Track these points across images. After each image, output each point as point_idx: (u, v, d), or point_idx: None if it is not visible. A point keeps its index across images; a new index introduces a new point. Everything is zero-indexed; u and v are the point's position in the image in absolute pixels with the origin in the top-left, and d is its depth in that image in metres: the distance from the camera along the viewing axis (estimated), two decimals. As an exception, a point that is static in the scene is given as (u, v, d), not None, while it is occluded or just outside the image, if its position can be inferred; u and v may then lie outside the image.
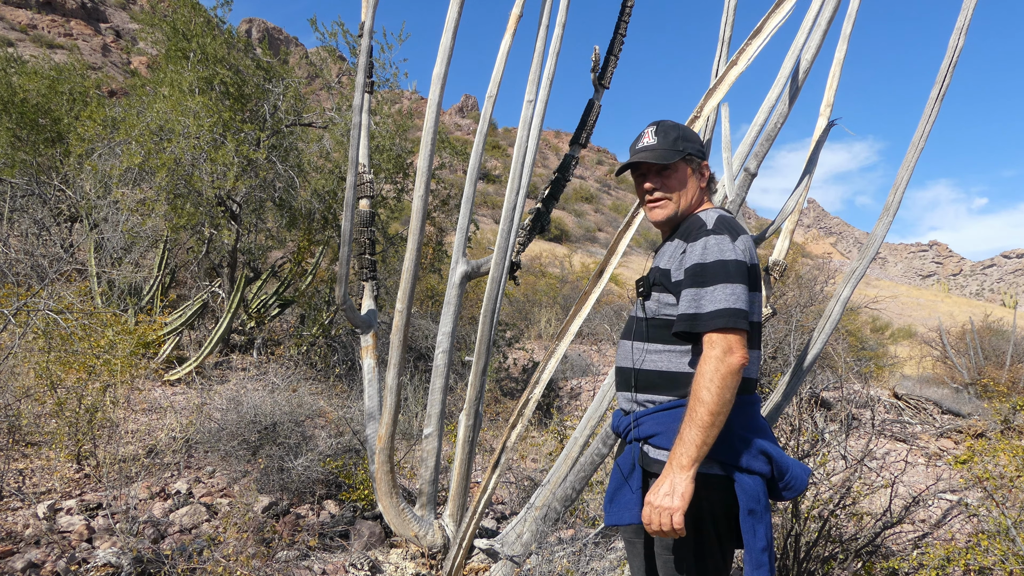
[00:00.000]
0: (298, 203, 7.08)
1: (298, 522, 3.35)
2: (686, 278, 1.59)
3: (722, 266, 1.55)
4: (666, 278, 1.66)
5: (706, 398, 1.48)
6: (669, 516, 1.48)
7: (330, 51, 8.19)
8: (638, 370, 1.71)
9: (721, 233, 1.60)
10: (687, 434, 1.49)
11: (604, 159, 66.05)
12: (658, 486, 1.51)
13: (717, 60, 2.75)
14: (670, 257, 1.68)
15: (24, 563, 2.62)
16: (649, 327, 1.70)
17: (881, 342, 16.45)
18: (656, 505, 1.50)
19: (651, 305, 1.70)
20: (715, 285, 1.54)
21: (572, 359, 8.79)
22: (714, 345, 1.51)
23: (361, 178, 3.20)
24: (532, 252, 21.14)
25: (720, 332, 1.51)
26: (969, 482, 3.36)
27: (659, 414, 1.65)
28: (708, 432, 1.47)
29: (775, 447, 1.63)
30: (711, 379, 1.48)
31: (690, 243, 1.62)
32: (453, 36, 2.81)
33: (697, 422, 1.48)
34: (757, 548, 1.55)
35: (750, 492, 1.56)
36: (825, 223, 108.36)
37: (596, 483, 3.92)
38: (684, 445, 1.49)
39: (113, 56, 37.75)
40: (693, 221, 1.70)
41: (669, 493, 1.49)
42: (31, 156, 8.06)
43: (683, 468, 1.48)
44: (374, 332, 3.22)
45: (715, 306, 1.52)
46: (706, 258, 1.57)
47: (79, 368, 3.89)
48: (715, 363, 1.49)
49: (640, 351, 1.72)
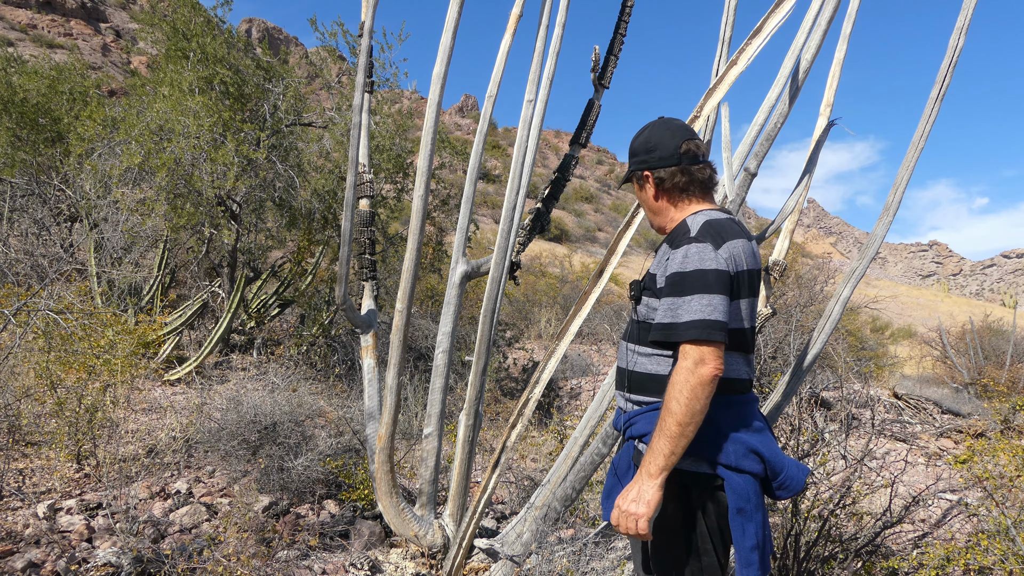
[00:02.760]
0: (298, 203, 7.08)
1: (298, 522, 3.35)
2: (666, 286, 1.60)
3: (701, 276, 1.54)
4: (653, 283, 1.68)
5: (675, 408, 1.49)
6: (635, 521, 1.51)
7: (330, 51, 8.18)
8: (631, 371, 1.74)
9: (703, 241, 1.58)
10: (656, 444, 1.51)
11: (604, 159, 66.04)
12: (628, 491, 1.54)
13: (717, 60, 2.75)
14: (658, 262, 1.70)
15: (24, 563, 2.62)
16: (639, 330, 1.73)
17: (881, 342, 16.45)
18: (624, 510, 1.53)
19: (641, 309, 1.72)
20: (692, 295, 1.53)
21: (572, 359, 8.80)
22: (687, 356, 1.51)
23: (361, 178, 3.20)
24: (532, 252, 21.15)
25: (693, 344, 1.51)
26: (969, 482, 3.36)
27: (650, 414, 1.67)
28: (676, 442, 1.49)
29: (769, 447, 1.63)
30: (680, 390, 1.49)
31: (673, 250, 1.62)
32: (453, 36, 2.81)
33: (666, 432, 1.50)
34: (746, 547, 1.56)
35: (739, 491, 1.56)
36: (825, 223, 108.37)
37: (596, 483, 3.92)
38: (652, 454, 1.51)
39: (113, 56, 37.74)
40: (679, 227, 1.70)
41: (636, 499, 1.52)
42: (31, 156, 8.06)
43: (651, 476, 1.51)
44: (374, 332, 3.22)
45: (690, 316, 1.52)
46: (685, 267, 1.56)
47: (79, 368, 3.89)
48: (685, 374, 1.50)
49: (632, 353, 1.75)
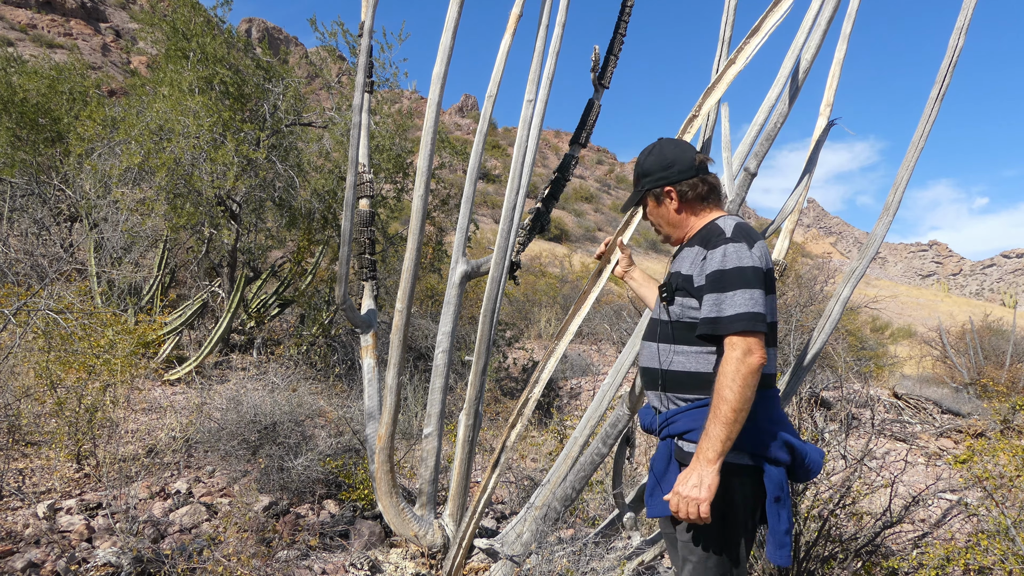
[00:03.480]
0: (298, 203, 7.07)
1: (298, 522, 3.35)
2: (707, 284, 1.70)
3: (740, 272, 1.66)
4: (688, 283, 1.76)
5: (729, 396, 1.58)
6: (696, 506, 1.60)
7: (330, 51, 8.18)
8: (665, 370, 1.81)
9: (739, 241, 1.70)
10: (712, 430, 1.60)
11: (604, 159, 66.04)
12: (686, 478, 1.63)
13: (717, 59, 2.75)
14: (691, 263, 1.78)
15: (24, 563, 2.62)
16: (674, 329, 1.80)
17: (881, 342, 16.45)
18: (684, 495, 1.61)
19: (675, 309, 1.80)
20: (734, 290, 1.65)
21: (572, 359, 8.80)
22: (735, 347, 1.62)
23: (361, 178, 3.20)
24: (532, 252, 21.15)
25: (740, 335, 1.62)
26: (969, 482, 3.36)
27: (691, 411, 1.75)
28: (731, 428, 1.58)
29: (795, 436, 1.76)
30: (733, 379, 1.59)
31: (710, 250, 1.73)
32: (453, 36, 2.81)
33: (721, 419, 1.59)
34: (781, 531, 1.69)
35: (776, 481, 1.69)
36: (825, 223, 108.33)
37: (596, 483, 3.92)
38: (709, 440, 1.60)
39: (113, 56, 37.74)
40: (712, 228, 1.80)
41: (697, 484, 1.60)
42: (31, 156, 8.06)
43: (709, 462, 1.60)
44: (374, 332, 3.22)
45: (735, 310, 1.64)
46: (726, 265, 1.68)
47: (79, 368, 3.89)
48: (736, 364, 1.60)
49: (667, 352, 1.81)
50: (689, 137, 2.57)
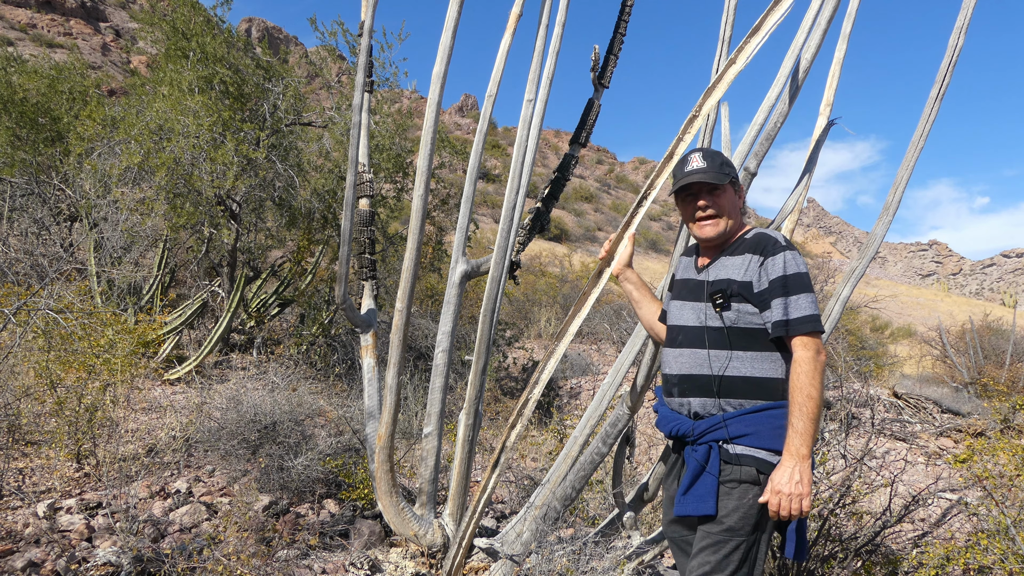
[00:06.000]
0: (298, 202, 7.07)
1: (298, 521, 3.35)
2: (773, 288, 1.80)
3: (800, 277, 1.79)
4: (746, 289, 1.84)
5: (814, 394, 1.69)
6: (800, 500, 1.68)
7: (330, 50, 8.18)
8: (722, 376, 1.84)
9: (793, 249, 1.84)
10: (801, 427, 1.69)
11: (604, 158, 66.01)
12: (781, 477, 1.69)
13: (717, 59, 2.75)
14: (745, 270, 1.86)
15: (24, 562, 2.62)
16: (731, 335, 1.85)
17: (881, 341, 16.46)
18: (788, 493, 1.68)
19: (730, 315, 1.86)
20: (800, 294, 1.77)
21: (572, 359, 8.79)
22: (807, 347, 1.74)
23: (361, 177, 3.20)
24: (532, 251, 21.13)
25: (810, 335, 1.74)
26: (969, 481, 3.36)
27: (750, 416, 1.81)
28: (817, 423, 1.68)
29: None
30: (813, 377, 1.70)
31: (768, 257, 1.83)
32: (453, 35, 2.81)
33: (808, 415, 1.68)
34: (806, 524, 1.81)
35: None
36: (825, 222, 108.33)
37: (596, 482, 3.92)
38: (801, 437, 1.68)
39: (113, 55, 37.71)
40: (763, 237, 1.89)
41: (798, 480, 1.68)
42: (31, 155, 8.05)
43: (804, 457, 1.69)
44: (374, 331, 3.22)
45: (802, 312, 1.76)
46: (788, 271, 1.80)
47: (79, 367, 3.89)
48: (812, 363, 1.71)
49: (722, 358, 1.85)
50: (689, 137, 2.57)
